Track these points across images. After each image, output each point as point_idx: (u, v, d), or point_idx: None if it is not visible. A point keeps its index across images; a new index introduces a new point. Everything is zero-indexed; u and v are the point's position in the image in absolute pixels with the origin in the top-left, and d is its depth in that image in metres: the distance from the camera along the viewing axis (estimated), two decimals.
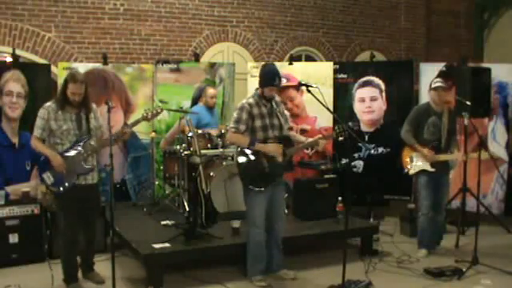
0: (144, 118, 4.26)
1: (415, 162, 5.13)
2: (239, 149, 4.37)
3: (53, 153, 4.08)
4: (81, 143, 4.17)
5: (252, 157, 4.26)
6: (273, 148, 4.25)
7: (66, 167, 4.08)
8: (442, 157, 5.05)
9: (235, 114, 4.34)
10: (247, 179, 4.30)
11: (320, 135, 4.41)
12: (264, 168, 4.25)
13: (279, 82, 4.31)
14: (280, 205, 4.50)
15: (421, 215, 5.19)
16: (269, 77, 4.30)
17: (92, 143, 4.20)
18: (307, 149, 6.41)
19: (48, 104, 4.17)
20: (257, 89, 4.40)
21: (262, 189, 4.26)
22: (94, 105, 4.33)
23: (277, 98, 4.48)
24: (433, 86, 5.08)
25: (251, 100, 4.34)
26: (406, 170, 5.23)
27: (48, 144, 4.16)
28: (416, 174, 5.16)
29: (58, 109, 4.12)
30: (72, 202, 4.15)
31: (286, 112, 4.58)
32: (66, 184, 4.11)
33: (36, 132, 4.12)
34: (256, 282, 4.39)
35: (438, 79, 5.14)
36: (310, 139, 4.43)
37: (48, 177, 4.13)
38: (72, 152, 4.13)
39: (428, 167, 5.05)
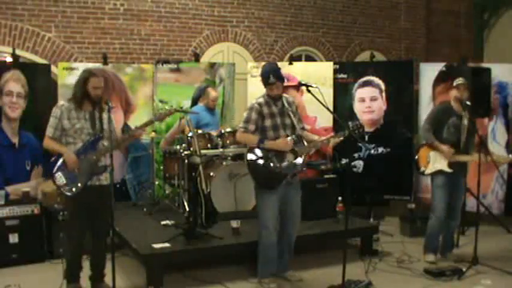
0: (158, 118, 4.23)
1: (433, 163, 4.94)
2: (249, 148, 4.30)
3: (65, 151, 3.97)
4: (95, 142, 4.07)
5: (261, 159, 4.19)
6: (282, 143, 4.17)
7: (80, 167, 3.98)
8: (461, 158, 4.92)
9: (245, 114, 4.29)
10: (258, 180, 4.26)
11: (332, 134, 4.34)
12: (274, 167, 4.18)
13: (274, 79, 4.18)
14: (295, 206, 4.38)
15: (433, 217, 4.96)
16: (265, 76, 4.26)
17: (105, 143, 4.09)
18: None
19: (61, 102, 4.11)
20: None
21: (273, 189, 4.20)
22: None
23: (291, 99, 4.42)
24: (455, 84, 4.92)
25: (261, 100, 4.29)
26: (422, 170, 5.02)
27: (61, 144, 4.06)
28: (433, 175, 4.97)
29: (73, 107, 4.02)
30: (83, 203, 4.05)
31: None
32: (79, 184, 3.99)
33: (49, 131, 4.02)
34: (265, 284, 4.34)
35: (460, 78, 4.96)
36: (322, 137, 4.37)
37: (60, 177, 3.99)
38: (86, 151, 4.03)
39: (446, 168, 4.89)
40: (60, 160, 3.98)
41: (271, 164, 4.18)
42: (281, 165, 4.20)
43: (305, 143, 4.31)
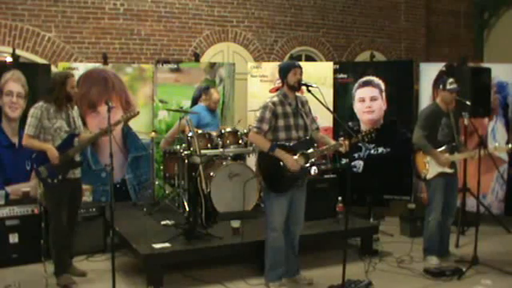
0: (125, 119, 4.65)
1: (432, 166, 4.86)
2: (260, 151, 4.24)
3: (48, 147, 4.29)
4: (72, 139, 4.42)
5: (273, 162, 4.12)
6: (290, 162, 4.07)
7: (61, 161, 4.29)
8: (459, 156, 4.91)
9: (258, 113, 4.22)
10: (267, 182, 4.19)
11: (341, 140, 4.19)
12: (285, 171, 4.11)
13: (298, 64, 4.21)
14: (300, 208, 4.34)
15: (431, 220, 4.92)
16: (288, 63, 4.34)
17: (77, 139, 4.48)
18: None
19: (40, 103, 4.38)
20: (281, 89, 4.30)
21: (283, 192, 4.14)
22: (75, 106, 4.63)
23: (304, 98, 4.35)
24: (449, 87, 4.83)
25: (275, 99, 4.21)
26: (423, 175, 4.93)
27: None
28: (432, 177, 4.90)
29: (51, 108, 4.34)
30: (63, 195, 4.37)
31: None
32: (60, 177, 4.33)
33: (30, 130, 4.31)
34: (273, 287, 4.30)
35: (452, 80, 4.89)
36: (334, 142, 4.27)
37: (43, 171, 4.31)
38: (64, 148, 4.35)
39: (447, 169, 4.85)
40: (42, 156, 4.30)
41: (282, 168, 4.11)
42: (292, 169, 4.12)
43: (317, 147, 4.26)
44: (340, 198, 5.45)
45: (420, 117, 5.05)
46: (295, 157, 4.12)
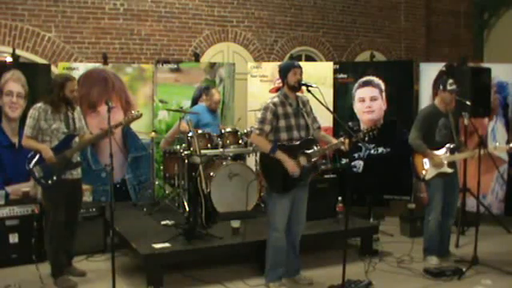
0: (127, 122, 4.58)
1: (431, 167, 4.87)
2: (262, 152, 4.24)
3: (44, 147, 4.31)
4: (70, 140, 4.42)
5: (276, 162, 4.10)
6: (290, 166, 4.07)
7: (56, 161, 4.30)
8: (458, 156, 4.90)
9: (259, 115, 4.22)
10: (270, 182, 4.19)
11: (342, 138, 4.19)
12: (287, 172, 4.10)
13: (298, 64, 4.22)
14: (303, 208, 4.34)
15: (431, 220, 4.91)
16: (288, 63, 4.35)
17: (77, 140, 4.50)
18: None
19: (38, 105, 4.40)
20: (281, 89, 4.29)
21: (286, 193, 4.14)
22: (77, 107, 4.65)
23: (305, 98, 4.35)
24: (449, 88, 4.83)
25: (276, 99, 4.20)
26: (422, 176, 4.93)
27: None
28: (431, 178, 4.90)
29: (49, 109, 4.36)
30: (60, 195, 4.36)
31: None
32: (54, 177, 4.32)
33: (28, 131, 4.35)
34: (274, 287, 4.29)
35: (452, 81, 4.89)
36: (335, 141, 4.27)
37: (38, 170, 4.33)
38: (61, 149, 4.36)
39: (447, 169, 4.85)
40: (37, 156, 4.33)
41: (285, 169, 4.09)
42: (292, 173, 4.11)
43: (318, 146, 4.26)
44: (340, 198, 5.45)
45: (417, 118, 5.06)
46: (298, 158, 4.12)
